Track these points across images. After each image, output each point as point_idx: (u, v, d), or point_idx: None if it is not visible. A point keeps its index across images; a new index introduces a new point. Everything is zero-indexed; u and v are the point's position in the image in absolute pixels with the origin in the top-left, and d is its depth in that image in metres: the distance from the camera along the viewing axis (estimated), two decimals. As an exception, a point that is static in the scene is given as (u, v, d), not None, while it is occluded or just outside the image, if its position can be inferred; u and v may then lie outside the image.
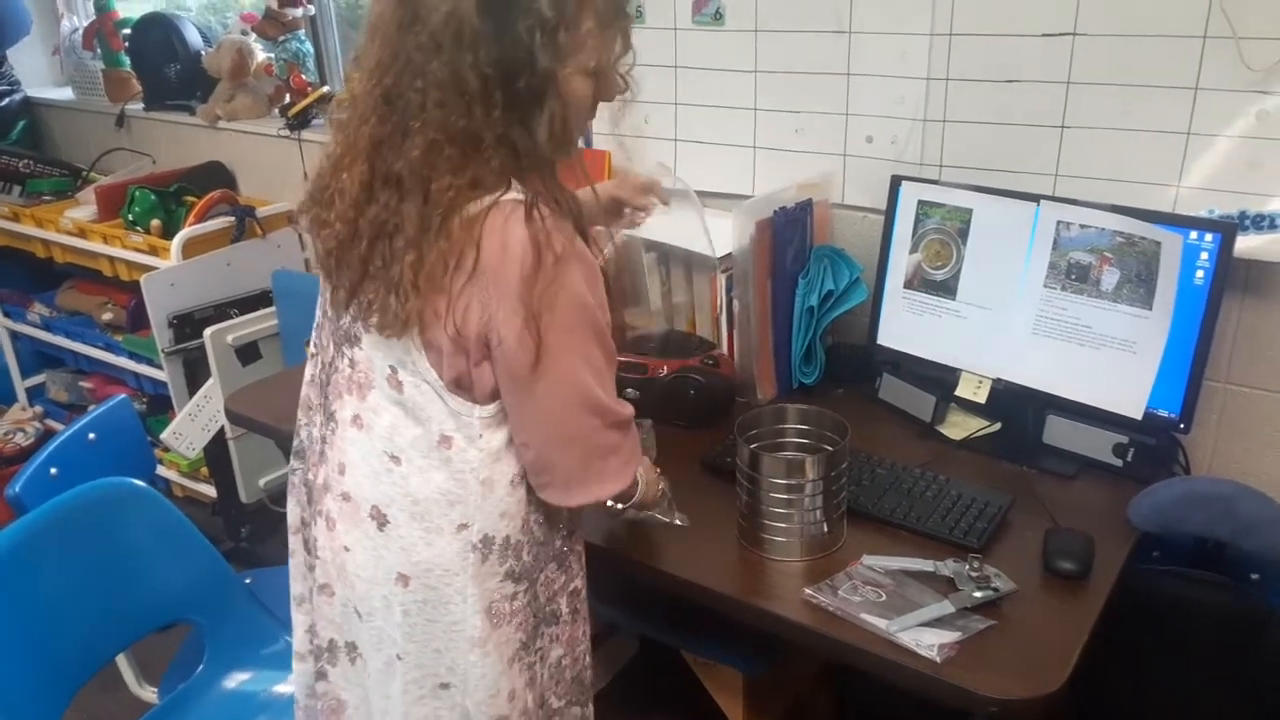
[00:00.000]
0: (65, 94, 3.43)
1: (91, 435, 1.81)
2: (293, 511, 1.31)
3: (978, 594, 1.25)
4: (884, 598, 1.24)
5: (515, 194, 1.05)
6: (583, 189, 1.29)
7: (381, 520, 1.15)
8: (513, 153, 1.05)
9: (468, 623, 1.16)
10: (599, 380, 1.12)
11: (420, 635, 1.17)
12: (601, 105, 1.15)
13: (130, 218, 2.75)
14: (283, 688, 1.63)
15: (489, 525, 1.15)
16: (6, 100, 3.39)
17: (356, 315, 1.13)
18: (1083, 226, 1.52)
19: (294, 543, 1.31)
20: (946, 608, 1.23)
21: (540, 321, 1.04)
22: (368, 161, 1.06)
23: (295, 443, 1.30)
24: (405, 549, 1.15)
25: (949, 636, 1.19)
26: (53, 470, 1.71)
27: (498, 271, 1.03)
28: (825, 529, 1.34)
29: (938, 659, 1.16)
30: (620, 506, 1.28)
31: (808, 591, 1.25)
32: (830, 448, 1.35)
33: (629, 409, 1.17)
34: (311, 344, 1.27)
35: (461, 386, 1.10)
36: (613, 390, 1.15)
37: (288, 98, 2.81)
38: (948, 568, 1.29)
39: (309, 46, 2.87)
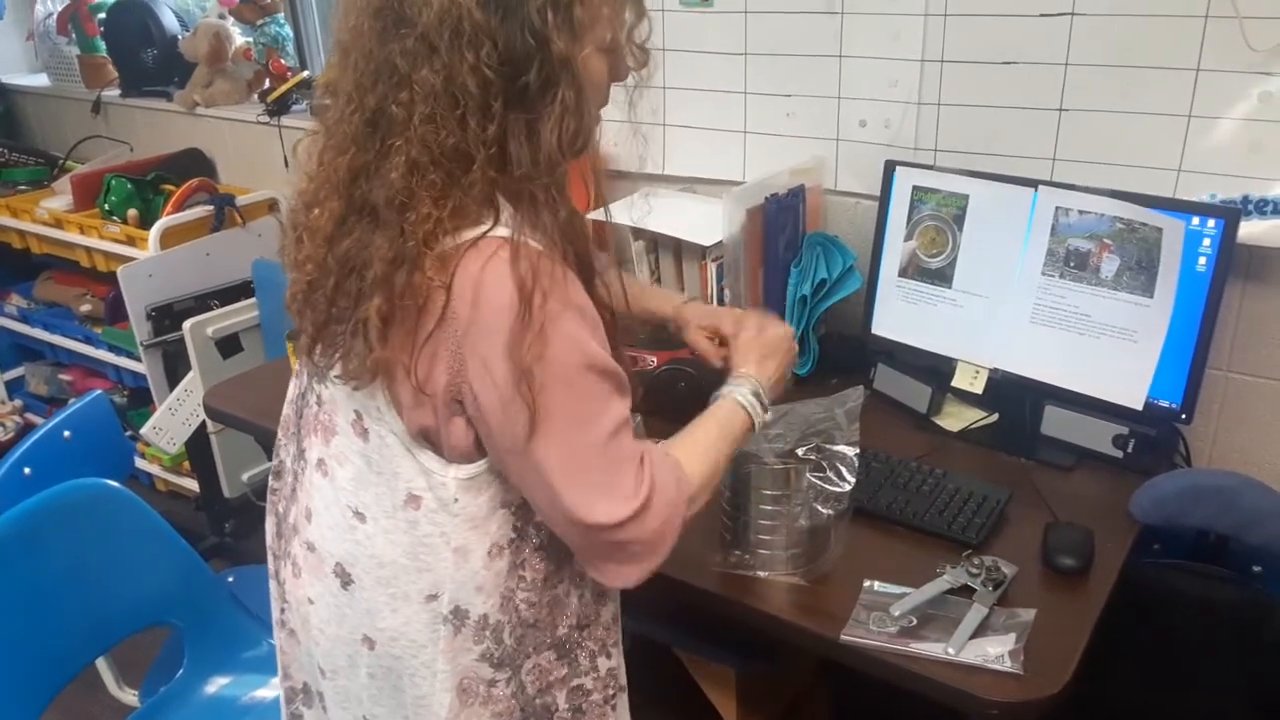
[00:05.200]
0: (40, 80, 3.35)
1: (67, 433, 1.76)
2: (269, 535, 1.21)
3: (994, 589, 1.23)
4: (915, 622, 1.20)
5: (502, 229, 0.93)
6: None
7: (346, 579, 1.06)
8: (504, 169, 0.92)
9: (435, 699, 1.05)
10: (588, 477, 0.95)
11: (388, 700, 1.09)
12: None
13: (106, 207, 2.70)
14: (264, 692, 1.59)
15: (462, 597, 1.02)
16: (-20, 87, 3.33)
17: (320, 359, 1.02)
18: (1082, 212, 1.48)
19: (270, 566, 1.21)
20: (982, 611, 1.20)
21: (532, 383, 0.91)
22: (344, 195, 0.94)
23: (274, 461, 1.21)
24: (370, 612, 1.05)
25: (1009, 642, 1.15)
26: (26, 470, 1.67)
27: (470, 323, 0.91)
28: (827, 539, 1.30)
29: (1020, 670, 1.12)
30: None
31: (845, 637, 1.19)
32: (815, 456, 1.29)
33: (630, 505, 0.96)
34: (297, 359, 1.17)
35: (429, 440, 0.99)
36: (614, 472, 0.97)
37: (267, 83, 2.76)
38: (949, 575, 1.25)
39: (288, 30, 2.81)
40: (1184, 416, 1.48)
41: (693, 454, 1.08)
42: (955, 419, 1.65)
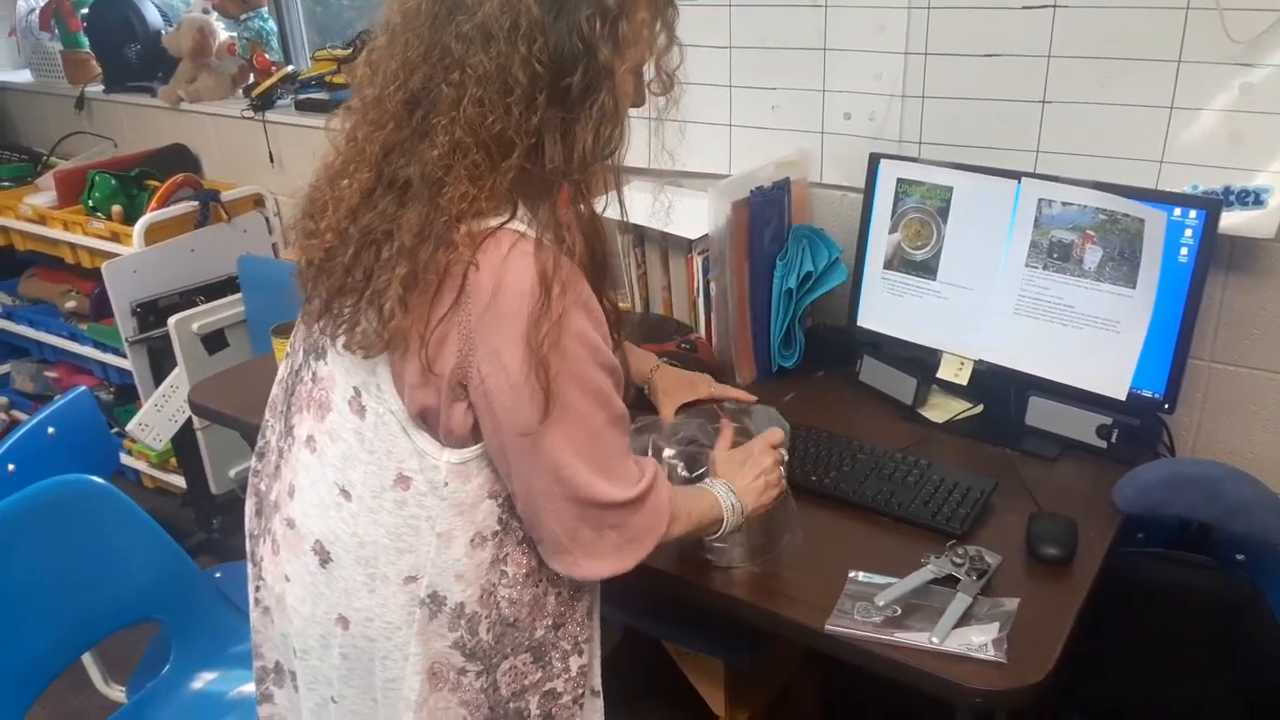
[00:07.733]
0: (24, 76, 3.33)
1: (51, 429, 1.75)
2: (248, 516, 1.23)
3: (978, 579, 1.23)
4: (899, 611, 1.20)
5: (519, 224, 0.96)
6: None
7: (324, 557, 1.07)
8: (535, 163, 0.95)
9: (405, 683, 1.06)
10: (593, 458, 0.99)
11: (358, 681, 1.10)
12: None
13: (90, 203, 2.68)
14: (251, 688, 1.58)
15: (441, 583, 1.04)
16: (-38, 84, 3.31)
17: (327, 328, 1.03)
18: (1065, 204, 1.48)
19: (248, 547, 1.23)
20: (966, 600, 1.20)
21: (548, 369, 0.93)
22: (375, 168, 0.97)
23: (259, 442, 1.22)
24: (347, 592, 1.06)
25: (992, 631, 1.16)
26: (10, 466, 1.65)
27: (487, 307, 0.93)
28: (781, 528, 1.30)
29: (1003, 659, 1.13)
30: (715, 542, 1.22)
31: (829, 627, 1.19)
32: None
33: (630, 491, 1.02)
34: (290, 339, 1.19)
35: (428, 422, 1.01)
36: (615, 460, 1.02)
37: (251, 78, 2.75)
38: (933, 565, 1.26)
39: (272, 25, 2.80)
40: (1167, 406, 1.49)
41: (679, 494, 1.13)
42: (940, 410, 1.66)
